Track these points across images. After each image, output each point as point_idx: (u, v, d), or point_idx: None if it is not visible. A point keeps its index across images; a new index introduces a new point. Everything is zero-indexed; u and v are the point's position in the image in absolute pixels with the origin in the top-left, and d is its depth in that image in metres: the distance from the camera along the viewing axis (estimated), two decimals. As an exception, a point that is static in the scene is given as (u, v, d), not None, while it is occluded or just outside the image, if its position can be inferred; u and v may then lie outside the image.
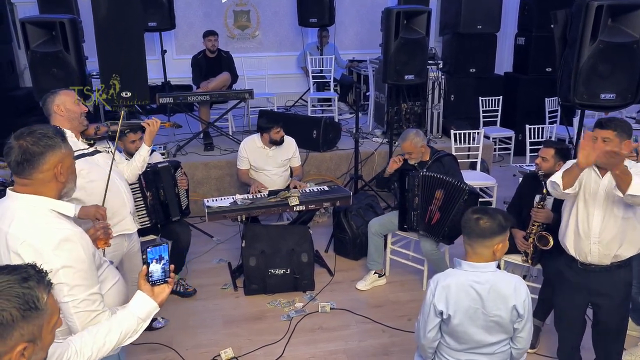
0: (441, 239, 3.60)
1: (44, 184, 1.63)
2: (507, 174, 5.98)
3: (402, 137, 3.72)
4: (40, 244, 1.56)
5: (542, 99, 6.43)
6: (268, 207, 3.79)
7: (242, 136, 5.37)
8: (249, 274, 3.77)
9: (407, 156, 3.72)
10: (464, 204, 3.41)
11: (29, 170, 1.59)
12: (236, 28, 8.00)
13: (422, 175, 3.58)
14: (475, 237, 1.95)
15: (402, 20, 4.61)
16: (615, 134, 2.36)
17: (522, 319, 1.97)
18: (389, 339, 3.33)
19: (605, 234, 2.42)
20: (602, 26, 3.34)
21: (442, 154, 3.78)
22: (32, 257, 1.53)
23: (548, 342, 3.24)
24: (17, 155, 1.58)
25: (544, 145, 3.21)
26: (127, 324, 1.55)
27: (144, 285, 1.59)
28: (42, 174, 1.61)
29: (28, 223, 1.59)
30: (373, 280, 3.93)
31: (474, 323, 1.96)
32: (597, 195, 2.40)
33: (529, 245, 3.22)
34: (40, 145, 1.59)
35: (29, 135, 1.60)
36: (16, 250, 1.56)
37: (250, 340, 3.31)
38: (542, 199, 3.15)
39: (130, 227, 2.86)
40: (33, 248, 1.56)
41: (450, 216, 3.48)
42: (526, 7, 6.73)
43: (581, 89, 3.46)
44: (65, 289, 1.59)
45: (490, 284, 1.94)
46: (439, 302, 1.97)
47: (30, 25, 4.03)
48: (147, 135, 3.01)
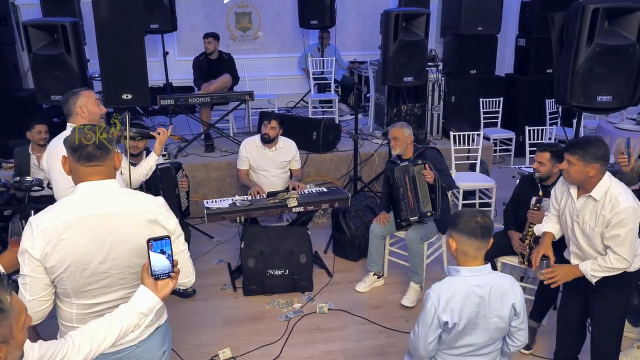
0: (421, 213, 3.66)
1: (112, 169, 1.78)
2: (506, 176, 5.98)
3: (393, 124, 3.90)
4: (157, 208, 1.77)
5: (543, 100, 6.44)
6: (267, 209, 3.82)
7: (242, 138, 5.40)
8: (248, 275, 3.81)
9: (393, 143, 3.82)
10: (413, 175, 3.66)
11: (103, 156, 1.72)
12: (238, 30, 8.04)
13: (401, 166, 3.71)
14: (488, 237, 1.95)
15: (401, 22, 4.64)
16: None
17: (519, 316, 1.99)
18: (386, 340, 3.36)
19: (584, 248, 2.52)
20: (598, 29, 3.35)
21: (424, 149, 3.90)
22: (164, 218, 1.76)
23: (544, 343, 3.26)
24: (96, 148, 1.69)
25: (539, 150, 3.24)
26: (129, 319, 1.56)
27: (146, 279, 1.59)
28: (111, 160, 1.76)
29: (132, 198, 1.77)
30: (372, 282, 3.96)
31: (475, 327, 1.96)
32: (573, 214, 2.53)
33: (526, 247, 3.24)
34: (109, 140, 1.73)
35: (100, 131, 1.74)
36: (151, 218, 1.73)
37: (249, 340, 3.34)
38: (538, 200, 3.17)
39: None
40: (156, 214, 1.75)
41: (414, 189, 3.65)
42: (527, 9, 6.75)
43: (578, 91, 3.47)
44: (181, 238, 1.82)
45: (490, 285, 1.95)
46: (444, 314, 1.92)
47: (32, 29, 4.07)
48: (157, 144, 3.08)
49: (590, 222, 2.43)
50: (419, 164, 3.67)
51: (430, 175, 3.61)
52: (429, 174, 3.61)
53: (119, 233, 1.69)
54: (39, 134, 4.21)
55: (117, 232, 1.69)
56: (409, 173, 3.69)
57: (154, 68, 7.24)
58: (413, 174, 3.68)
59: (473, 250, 1.95)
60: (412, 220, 3.69)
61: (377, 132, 6.13)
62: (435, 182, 3.62)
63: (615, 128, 5.84)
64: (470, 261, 1.98)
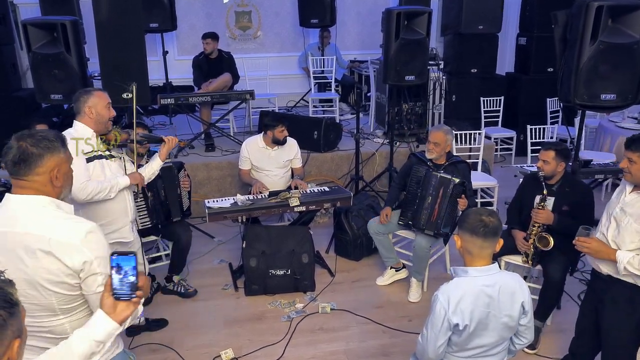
0: (438, 231, 3.59)
1: (42, 186, 1.61)
2: (508, 175, 5.97)
3: (437, 127, 3.73)
4: (69, 238, 1.56)
5: (544, 99, 6.43)
6: (268, 208, 3.79)
7: (243, 137, 5.39)
8: (250, 275, 3.78)
9: (431, 147, 3.65)
10: (451, 192, 3.49)
11: (24, 170, 1.58)
12: (237, 29, 8.02)
13: (440, 176, 3.57)
14: (492, 237, 1.90)
15: (403, 21, 4.61)
16: None
17: (527, 314, 1.97)
18: (389, 340, 3.33)
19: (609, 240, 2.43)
20: (602, 27, 3.33)
21: (458, 159, 3.79)
22: (65, 252, 1.55)
23: (549, 343, 3.24)
24: (14, 155, 1.58)
25: (543, 148, 3.20)
26: (82, 349, 1.41)
27: (105, 299, 1.44)
28: (37, 176, 1.59)
29: (47, 221, 1.58)
30: (391, 275, 3.96)
31: (485, 328, 1.92)
32: (616, 207, 2.42)
33: (529, 246, 3.22)
34: (39, 147, 1.59)
35: (29, 137, 1.60)
36: (46, 249, 1.55)
37: (251, 340, 3.32)
38: (542, 199, 3.15)
39: (128, 236, 2.88)
40: (63, 244, 1.56)
41: (444, 207, 3.53)
42: (527, 7, 6.73)
43: (581, 89, 3.45)
44: (99, 278, 1.59)
45: (499, 285, 1.92)
46: (454, 316, 1.87)
47: (32, 27, 4.04)
48: (164, 150, 3.07)
49: (632, 216, 2.31)
50: (457, 184, 3.47)
51: (463, 205, 3.48)
52: (464, 203, 3.48)
53: (13, 255, 1.57)
54: None
55: (13, 254, 1.57)
56: (447, 188, 3.50)
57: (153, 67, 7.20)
58: (450, 192, 3.48)
59: (476, 249, 1.92)
60: (425, 232, 3.62)
61: (378, 131, 6.11)
62: None
63: (616, 127, 5.84)
64: (475, 261, 1.95)
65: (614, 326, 2.43)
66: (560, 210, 3.18)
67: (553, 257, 3.15)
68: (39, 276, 1.57)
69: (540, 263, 3.26)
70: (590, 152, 5.55)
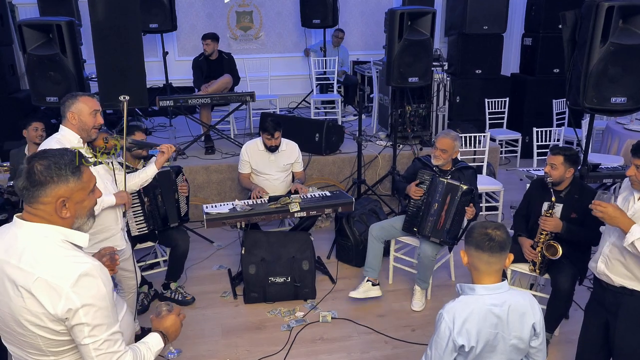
0: (444, 239, 3.49)
1: (48, 215, 1.49)
2: (513, 178, 5.86)
3: (445, 133, 3.59)
4: (56, 280, 1.41)
5: (550, 101, 6.32)
6: (268, 214, 3.70)
7: (243, 139, 5.30)
8: (249, 282, 3.69)
9: (438, 153, 3.55)
10: (459, 199, 3.39)
11: (28, 199, 1.47)
12: (239, 29, 7.93)
13: (447, 182, 3.46)
14: (499, 251, 1.79)
15: (406, 21, 4.51)
16: None
17: (538, 336, 1.86)
18: (392, 351, 3.24)
19: (613, 253, 2.34)
20: (612, 28, 3.22)
21: (464, 165, 3.68)
22: (47, 295, 1.40)
23: (557, 354, 3.14)
24: (23, 180, 1.46)
25: (552, 152, 3.08)
26: None
27: None
28: (43, 205, 1.48)
29: (41, 257, 1.44)
30: (367, 289, 3.69)
31: (493, 350, 1.81)
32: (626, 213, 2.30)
33: (537, 254, 3.11)
34: (44, 175, 1.46)
35: (40, 160, 1.48)
36: (28, 288, 1.41)
37: (249, 351, 3.22)
38: (550, 206, 3.04)
39: (120, 244, 2.82)
40: (48, 285, 1.40)
41: (451, 214, 3.42)
42: (533, 7, 6.62)
43: (591, 92, 3.35)
44: (86, 329, 1.44)
45: (508, 304, 1.80)
46: (460, 337, 1.76)
47: (27, 28, 3.95)
48: (161, 159, 3.03)
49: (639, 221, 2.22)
50: (465, 190, 3.38)
51: (471, 214, 3.38)
52: (472, 212, 3.38)
53: (2, 287, 1.48)
54: (35, 131, 4.11)
55: (2, 286, 1.48)
56: (455, 195, 3.41)
57: (153, 68, 7.17)
58: (457, 199, 3.39)
59: (482, 264, 1.81)
60: (431, 240, 3.51)
61: (381, 133, 6.01)
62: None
63: (624, 129, 5.72)
64: (483, 277, 1.83)
65: (630, 341, 2.33)
66: (568, 218, 3.07)
67: (562, 267, 3.04)
68: (21, 316, 1.45)
69: (548, 272, 3.15)
70: (597, 155, 5.43)
